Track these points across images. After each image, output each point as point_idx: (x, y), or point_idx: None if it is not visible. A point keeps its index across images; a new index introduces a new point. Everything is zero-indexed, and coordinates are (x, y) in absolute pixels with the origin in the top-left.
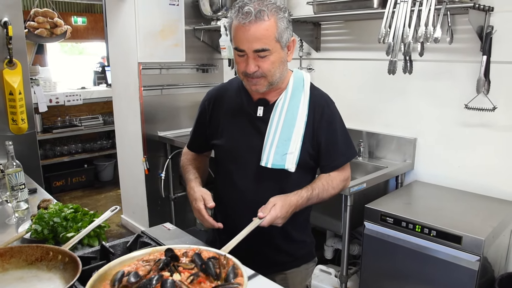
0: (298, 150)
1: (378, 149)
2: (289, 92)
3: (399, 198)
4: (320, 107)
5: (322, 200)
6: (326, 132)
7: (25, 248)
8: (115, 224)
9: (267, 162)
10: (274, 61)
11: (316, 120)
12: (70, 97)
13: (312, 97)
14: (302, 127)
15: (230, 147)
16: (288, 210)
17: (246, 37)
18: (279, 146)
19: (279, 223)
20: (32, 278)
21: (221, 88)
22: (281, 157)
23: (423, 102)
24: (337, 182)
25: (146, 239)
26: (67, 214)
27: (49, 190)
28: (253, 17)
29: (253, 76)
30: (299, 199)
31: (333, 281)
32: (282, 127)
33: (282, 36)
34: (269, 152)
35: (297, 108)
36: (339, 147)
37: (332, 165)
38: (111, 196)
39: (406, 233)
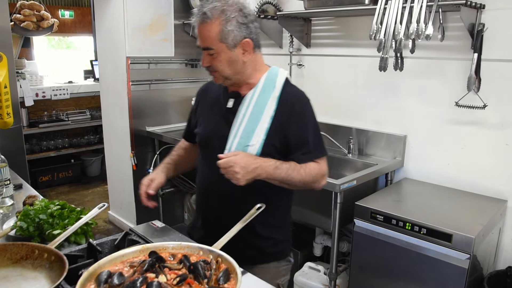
0: (259, 143)
1: (368, 146)
2: (260, 87)
3: (389, 195)
4: (290, 103)
5: (291, 179)
6: (295, 128)
7: (10, 246)
8: (102, 220)
9: (229, 151)
10: (222, 60)
11: (284, 115)
12: (57, 91)
13: (283, 94)
14: (267, 121)
15: (203, 135)
16: (251, 164)
17: (198, 35)
18: (242, 137)
19: (237, 175)
20: (17, 277)
21: (209, 83)
22: (243, 148)
23: (413, 99)
24: (311, 170)
25: (134, 237)
26: (54, 210)
27: (35, 185)
28: (200, 18)
29: (209, 70)
30: (266, 161)
31: (322, 278)
32: (248, 119)
33: (227, 38)
34: (233, 142)
35: (266, 102)
36: (309, 145)
37: (300, 160)
38: (98, 192)
39: (396, 230)
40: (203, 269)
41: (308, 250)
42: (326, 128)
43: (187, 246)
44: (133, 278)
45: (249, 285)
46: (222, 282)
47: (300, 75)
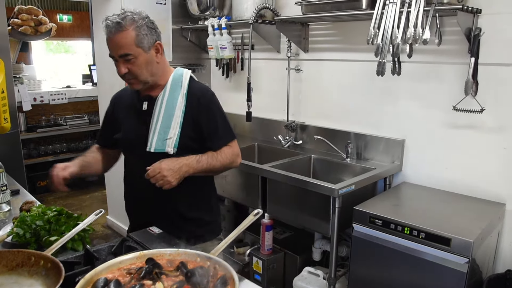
0: (176, 136)
1: (366, 150)
2: (168, 88)
3: (388, 200)
4: (196, 98)
5: (213, 168)
6: (205, 119)
7: (5, 253)
8: (100, 225)
9: (150, 147)
10: (140, 63)
11: (194, 108)
12: (55, 96)
13: (190, 90)
14: (180, 116)
15: (124, 138)
16: (175, 166)
17: (112, 46)
18: (160, 133)
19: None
20: (12, 285)
21: (123, 90)
22: (162, 142)
23: (411, 103)
24: (226, 154)
25: (131, 243)
26: (50, 217)
27: (33, 190)
28: (114, 29)
29: (126, 77)
30: (188, 159)
31: (321, 283)
32: (162, 117)
33: (143, 42)
34: (152, 139)
35: (176, 100)
36: (219, 131)
37: (215, 146)
38: (96, 197)
39: (394, 235)
40: (201, 276)
41: (307, 255)
42: (324, 132)
43: (184, 253)
44: (130, 285)
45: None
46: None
47: (298, 79)
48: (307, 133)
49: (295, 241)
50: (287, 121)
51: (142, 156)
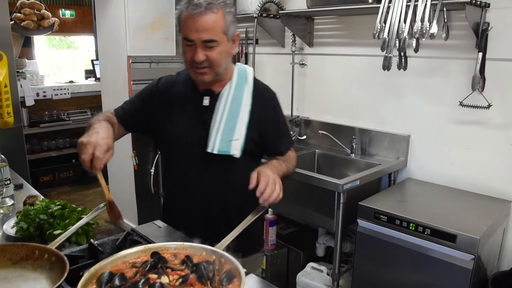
0: (242, 137)
1: (371, 146)
2: (234, 83)
3: (393, 195)
4: (263, 97)
5: (289, 173)
6: (272, 122)
7: (9, 246)
8: (104, 220)
9: (213, 148)
10: (221, 52)
11: (261, 110)
12: (57, 91)
13: (256, 89)
14: (246, 116)
15: (177, 136)
16: (274, 172)
17: (196, 27)
18: (224, 133)
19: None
20: (17, 278)
21: (173, 77)
22: (227, 143)
23: (417, 98)
24: (293, 158)
25: (136, 237)
26: (54, 210)
27: (36, 185)
28: (203, 8)
29: (200, 65)
30: (273, 163)
31: (324, 278)
32: (227, 115)
33: (229, 29)
34: (215, 139)
35: (241, 98)
36: (283, 137)
37: (281, 151)
38: (99, 192)
39: (400, 231)
40: (206, 270)
41: (310, 251)
42: (329, 127)
43: (189, 247)
44: (135, 279)
45: (252, 286)
46: (225, 283)
47: (302, 74)
48: (311, 128)
49: (299, 236)
50: (291, 116)
51: (199, 157)
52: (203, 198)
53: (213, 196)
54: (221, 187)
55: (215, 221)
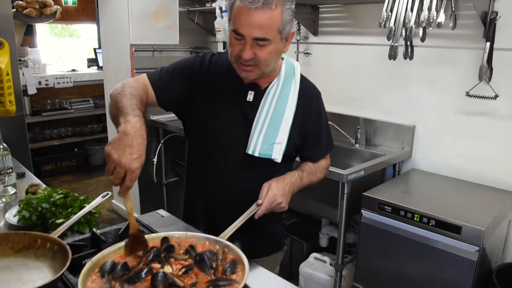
0: (285, 141)
1: (375, 136)
2: (281, 80)
3: (397, 186)
4: (310, 98)
5: (311, 184)
6: (313, 124)
7: (12, 235)
8: (106, 209)
9: (254, 150)
10: (272, 51)
11: (305, 111)
12: (60, 80)
13: (302, 87)
14: (291, 117)
15: (214, 131)
16: (285, 188)
17: (249, 22)
18: (267, 134)
19: (281, 204)
20: (19, 267)
21: (216, 60)
22: (269, 146)
23: (423, 88)
24: (322, 168)
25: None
26: (57, 199)
27: (38, 174)
28: (260, 3)
29: (247, 63)
30: (292, 177)
31: (328, 269)
32: (272, 115)
33: (285, 28)
34: (257, 140)
35: (287, 96)
36: (323, 140)
37: (315, 157)
38: (102, 181)
39: (404, 222)
40: (210, 259)
41: (313, 241)
42: (333, 117)
43: (192, 236)
44: (138, 268)
45: (256, 276)
46: (229, 273)
47: (307, 63)
48: None
49: (302, 227)
50: None
51: (235, 157)
52: (232, 197)
53: (243, 197)
54: (253, 189)
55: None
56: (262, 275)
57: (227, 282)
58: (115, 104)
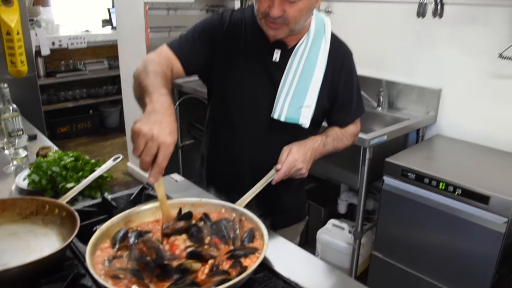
0: (314, 104)
1: (398, 99)
2: (311, 38)
3: (420, 152)
4: (341, 58)
5: (336, 151)
6: (343, 86)
7: (19, 200)
8: (121, 172)
9: (280, 114)
10: (303, 8)
11: (335, 71)
12: (73, 40)
13: (332, 46)
14: (320, 78)
15: (237, 94)
16: (306, 153)
17: None
18: (294, 97)
19: (301, 170)
20: (27, 234)
21: (238, 17)
22: (296, 110)
23: (452, 49)
24: (350, 135)
25: (151, 192)
26: (67, 163)
27: (53, 136)
28: None
29: (275, 20)
30: (315, 142)
31: (346, 236)
32: (300, 76)
33: None
34: (283, 104)
35: (317, 56)
36: (353, 103)
37: (343, 121)
38: (117, 143)
39: (428, 190)
40: (226, 228)
41: (332, 207)
42: None
43: (207, 203)
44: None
45: (276, 247)
46: (247, 243)
47: None
48: None
49: (320, 192)
50: None
51: (259, 122)
52: (254, 163)
53: (266, 164)
54: (277, 156)
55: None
56: (281, 245)
57: (248, 251)
58: (139, 84)
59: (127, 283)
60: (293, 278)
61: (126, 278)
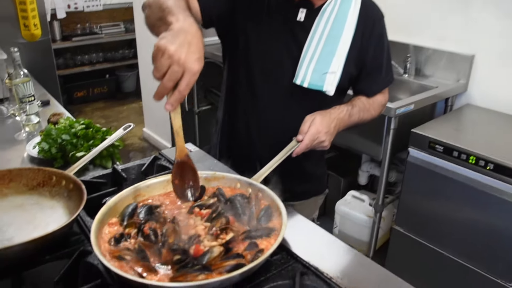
0: (340, 70)
1: (426, 66)
2: None
3: (449, 123)
4: (371, 21)
5: (361, 122)
6: (373, 52)
7: (26, 171)
8: (137, 137)
9: (303, 80)
10: None
11: (365, 35)
12: (89, 3)
13: (363, 7)
14: (348, 42)
15: (257, 56)
16: (331, 124)
17: None
18: (319, 62)
19: (324, 143)
20: (33, 206)
21: None
22: (321, 76)
23: (486, 11)
24: (377, 105)
25: (164, 162)
26: (78, 130)
27: (70, 101)
28: None
29: None
30: (340, 112)
31: (366, 209)
32: (326, 38)
33: None
34: (307, 68)
35: (346, 17)
36: (382, 71)
37: (370, 90)
38: (133, 108)
39: (457, 164)
40: (241, 205)
41: (352, 178)
42: None
43: (222, 177)
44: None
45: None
46: (263, 222)
47: None
48: None
49: (340, 162)
50: None
51: (280, 88)
52: (273, 133)
53: (287, 134)
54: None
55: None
56: (300, 224)
57: (264, 232)
58: (159, 7)
59: (133, 264)
60: (313, 262)
61: (132, 260)
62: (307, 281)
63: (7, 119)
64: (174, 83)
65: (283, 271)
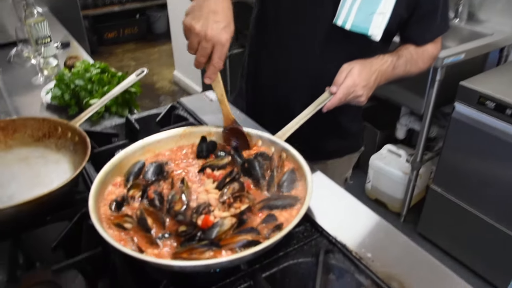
0: (390, 11)
1: (481, 9)
2: None
3: (503, 77)
4: None
5: (407, 75)
6: None
7: (30, 121)
8: (167, 80)
9: (345, 21)
10: None
11: None
12: None
13: None
14: None
15: None
16: (371, 77)
17: None
18: (365, 1)
19: (360, 98)
20: (37, 160)
21: None
22: (367, 17)
23: None
24: (427, 57)
25: (181, 112)
26: (92, 75)
27: (100, 42)
28: None
29: None
30: (383, 64)
31: (402, 165)
32: None
33: None
34: (351, 7)
35: None
36: (437, 16)
37: (421, 38)
38: (164, 50)
39: (509, 123)
40: (261, 168)
41: (389, 131)
42: None
43: None
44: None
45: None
46: (285, 189)
47: None
48: None
49: (377, 113)
50: None
51: (318, 30)
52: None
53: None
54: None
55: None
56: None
57: (286, 201)
58: None
59: (133, 234)
60: (340, 238)
61: (133, 229)
62: (332, 260)
63: (26, 62)
64: (206, 58)
65: (305, 246)
